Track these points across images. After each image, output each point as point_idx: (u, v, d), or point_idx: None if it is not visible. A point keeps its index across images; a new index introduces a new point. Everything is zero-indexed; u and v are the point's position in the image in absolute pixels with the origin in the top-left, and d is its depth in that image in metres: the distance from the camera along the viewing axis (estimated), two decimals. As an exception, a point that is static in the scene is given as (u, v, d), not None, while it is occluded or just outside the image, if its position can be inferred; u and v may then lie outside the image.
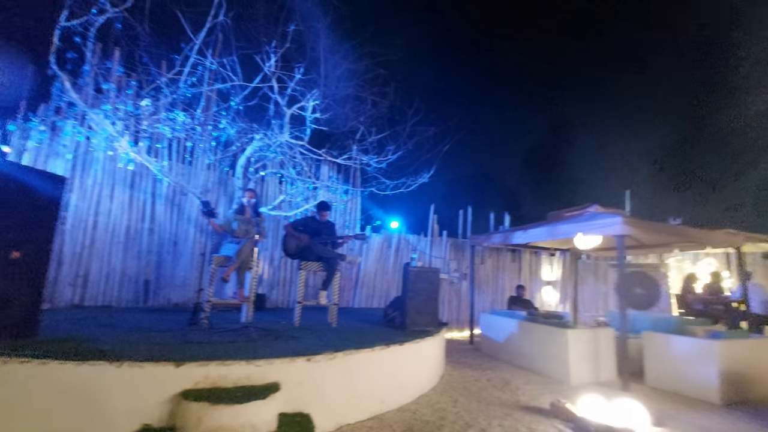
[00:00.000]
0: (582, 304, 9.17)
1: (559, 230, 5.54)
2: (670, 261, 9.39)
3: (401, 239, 8.41)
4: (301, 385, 3.11)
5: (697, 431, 3.51)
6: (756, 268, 9.63)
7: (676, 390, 4.59)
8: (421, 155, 7.31)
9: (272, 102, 6.62)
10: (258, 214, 4.59)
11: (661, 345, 4.81)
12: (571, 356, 4.89)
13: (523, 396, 4.33)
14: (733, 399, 4.29)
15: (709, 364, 4.30)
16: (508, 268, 9.12)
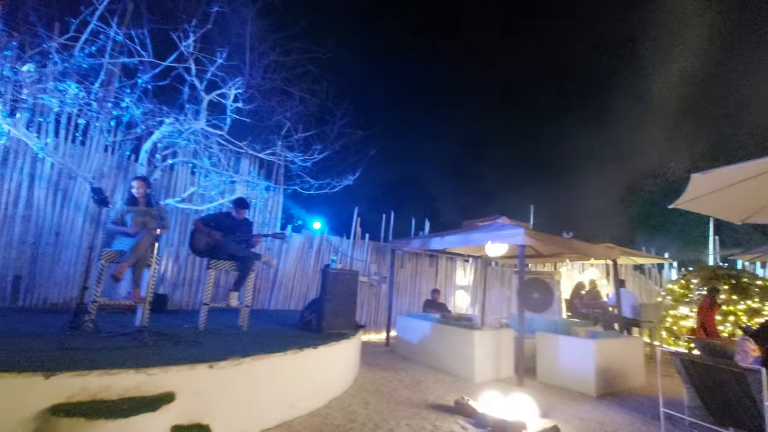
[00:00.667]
0: (489, 307, 9.90)
1: (472, 238, 5.92)
2: (563, 269, 10.61)
3: (323, 240, 8.28)
4: (201, 394, 2.87)
5: (576, 421, 3.97)
6: (628, 277, 11.33)
7: (562, 384, 5.16)
8: (348, 157, 7.29)
9: (188, 85, 6.08)
10: (156, 205, 4.14)
11: (550, 344, 5.39)
12: (476, 355, 5.23)
13: (431, 395, 4.51)
14: (605, 391, 4.96)
15: (587, 361, 4.92)
16: (425, 273, 9.50)
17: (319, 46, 6.78)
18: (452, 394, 4.50)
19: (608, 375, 5.02)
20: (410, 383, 4.95)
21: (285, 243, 7.61)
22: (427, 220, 9.66)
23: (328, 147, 7.02)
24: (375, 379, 5.05)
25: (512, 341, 5.68)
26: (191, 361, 2.90)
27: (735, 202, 4.09)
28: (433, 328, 5.99)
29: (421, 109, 31.32)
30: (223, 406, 2.97)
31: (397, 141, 24.44)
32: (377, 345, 7.55)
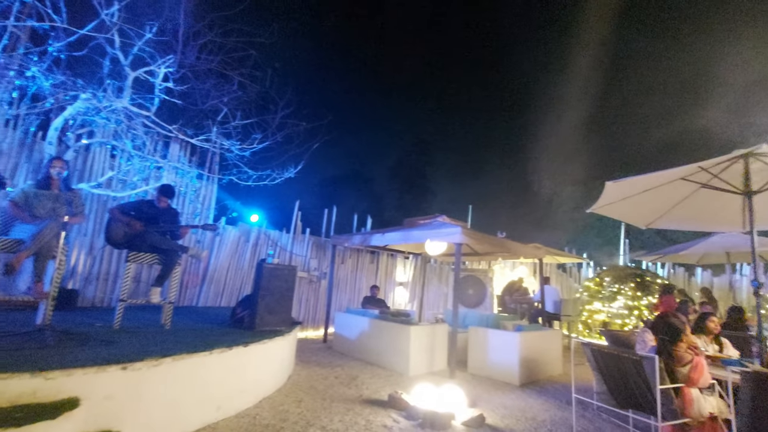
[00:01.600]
0: (427, 303, 10.19)
1: (412, 236, 6.03)
2: (496, 267, 11.23)
3: (261, 234, 7.95)
4: (112, 398, 2.60)
5: (501, 409, 4.21)
6: (552, 275, 12.28)
7: (490, 375, 5.45)
8: (290, 149, 7.05)
9: (109, 58, 5.48)
10: (70, 190, 3.68)
11: (480, 338, 5.67)
12: (412, 350, 5.35)
13: (366, 390, 4.53)
14: (528, 380, 5.32)
15: (513, 353, 5.25)
16: (366, 269, 9.52)
17: (263, 31, 6.45)
18: (387, 389, 4.55)
19: (530, 365, 5.40)
20: (346, 379, 4.93)
21: (218, 236, 7.19)
22: (369, 217, 9.69)
23: (269, 137, 6.72)
24: (311, 376, 4.96)
25: (447, 336, 5.88)
26: (100, 363, 2.61)
27: (641, 208, 4.59)
28: (371, 324, 6.01)
29: (369, 106, 31.41)
30: (138, 410, 2.73)
31: (343, 136, 24.27)
32: (315, 342, 7.43)
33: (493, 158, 26.74)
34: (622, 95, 22.69)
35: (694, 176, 3.92)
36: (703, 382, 2.97)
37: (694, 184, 4.07)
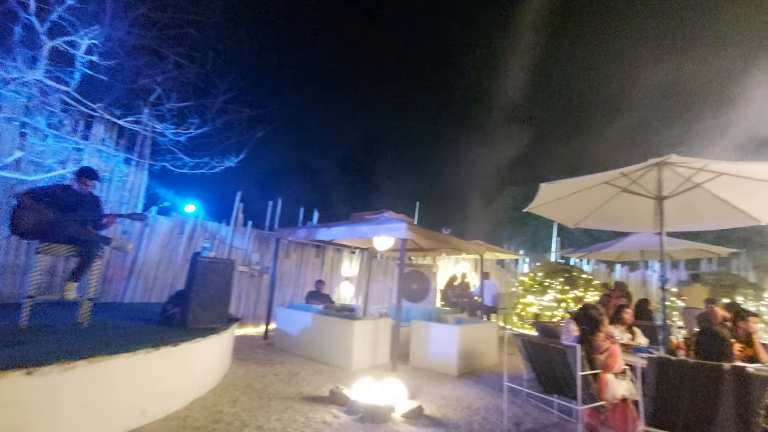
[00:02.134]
0: (372, 298, 10.25)
1: (359, 230, 6.01)
2: (440, 262, 11.58)
3: (198, 225, 7.48)
4: (17, 406, 2.31)
5: (439, 399, 4.35)
6: (492, 270, 12.92)
7: (430, 367, 5.61)
8: (231, 137, 6.65)
9: (21, 24, 4.82)
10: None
11: (422, 331, 5.81)
12: (355, 345, 5.34)
13: (307, 387, 4.45)
14: (465, 370, 5.55)
15: (452, 345, 5.44)
16: (311, 263, 9.35)
17: (204, 9, 6.01)
18: (329, 384, 4.51)
19: (468, 356, 5.63)
20: (286, 376, 4.81)
21: (147, 226, 6.65)
22: (316, 210, 9.51)
23: (209, 122, 6.30)
24: (248, 374, 4.77)
25: (390, 330, 5.95)
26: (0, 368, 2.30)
27: (570, 209, 4.96)
28: (314, 320, 5.92)
29: (318, 98, 30.81)
30: (48, 418, 2.45)
31: (290, 127, 23.59)
32: (255, 339, 7.17)
33: (442, 157, 27.58)
34: (559, 99, 24.41)
35: (616, 181, 4.30)
36: (617, 368, 3.28)
37: (615, 188, 4.47)
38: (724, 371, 2.48)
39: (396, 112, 31.92)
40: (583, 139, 23.13)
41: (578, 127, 23.87)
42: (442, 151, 27.95)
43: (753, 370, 2.47)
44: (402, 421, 3.61)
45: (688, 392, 2.61)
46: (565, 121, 24.95)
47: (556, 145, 24.44)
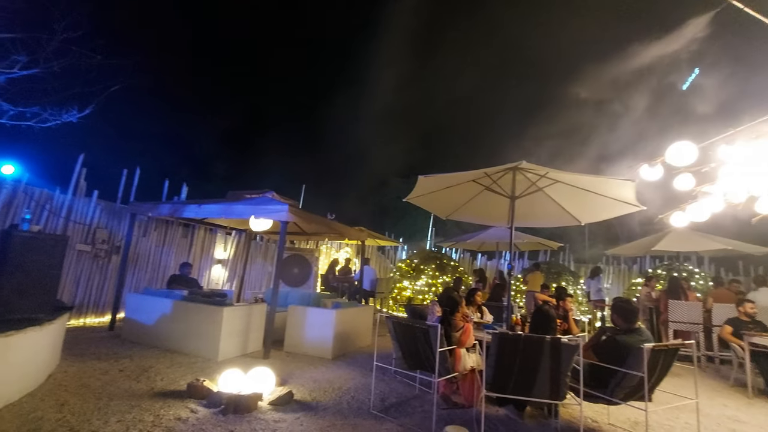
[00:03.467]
0: (249, 282, 9.69)
1: (235, 210, 5.55)
2: (323, 247, 11.56)
3: (20, 191, 5.95)
4: None
5: (311, 383, 4.35)
6: (373, 256, 13.43)
7: (305, 352, 5.57)
8: (75, 86, 5.41)
9: None
10: None
11: (299, 316, 5.72)
12: (223, 333, 4.97)
13: (161, 382, 3.98)
14: (340, 353, 5.67)
15: (328, 329, 5.49)
16: (177, 244, 8.34)
17: None
18: (189, 377, 4.10)
19: (344, 339, 5.76)
20: (135, 371, 4.22)
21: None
22: (185, 185, 8.47)
23: (41, 63, 4.99)
24: (83, 372, 4.04)
25: (264, 315, 5.70)
26: None
27: (443, 202, 5.42)
28: (176, 307, 5.30)
29: (200, 57, 27.36)
30: None
31: (162, 89, 20.47)
32: (98, 330, 6.12)
33: (333, 142, 27.41)
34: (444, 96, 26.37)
35: (481, 180, 4.84)
36: (469, 343, 3.73)
37: (480, 186, 5.03)
38: (545, 342, 3.01)
39: (288, 92, 30.37)
40: (472, 140, 25.56)
41: (465, 127, 26.26)
42: (334, 136, 27.80)
43: (565, 340, 3.05)
44: (269, 409, 3.49)
45: (519, 360, 3.09)
46: (445, 121, 27.16)
47: (439, 141, 26.48)
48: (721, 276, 9.60)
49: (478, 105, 24.04)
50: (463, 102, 24.43)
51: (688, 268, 10.59)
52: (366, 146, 25.81)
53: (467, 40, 22.22)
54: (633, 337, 3.26)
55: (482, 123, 24.67)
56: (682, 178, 3.93)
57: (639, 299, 8.52)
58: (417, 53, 24.65)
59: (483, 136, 24.54)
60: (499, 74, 21.16)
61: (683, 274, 10.16)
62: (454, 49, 22.68)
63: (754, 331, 5.24)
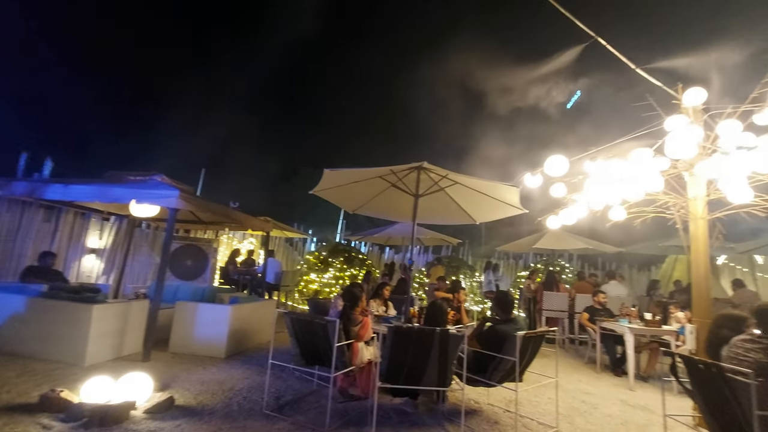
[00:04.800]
0: (131, 275, 8.61)
1: (112, 193, 4.84)
2: (223, 237, 10.78)
3: None
4: None
5: (198, 386, 4.02)
6: (280, 248, 12.96)
7: (194, 351, 5.13)
8: None
9: None
10: None
11: (188, 312, 5.24)
12: (92, 334, 4.32)
13: (7, 394, 3.32)
14: (235, 351, 5.34)
15: (222, 326, 5.13)
16: (36, 230, 7.00)
17: None
18: (45, 387, 3.47)
19: (240, 336, 5.44)
20: (-35, 385, 3.44)
21: None
22: (50, 160, 7.13)
23: None
24: None
25: (146, 313, 5.11)
26: None
27: (350, 196, 5.43)
28: (31, 304, 4.46)
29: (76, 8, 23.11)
30: None
31: (25, 34, 16.79)
32: None
33: (241, 125, 25.58)
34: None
35: (387, 177, 4.96)
36: (367, 336, 3.81)
37: (387, 183, 5.15)
38: (435, 333, 3.21)
39: (189, 60, 27.44)
40: (377, 136, 25.97)
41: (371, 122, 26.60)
42: (243, 118, 25.97)
43: (453, 331, 3.28)
44: (144, 419, 3.13)
45: (411, 351, 3.24)
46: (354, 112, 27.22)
47: (350, 134, 26.50)
48: (584, 270, 11.33)
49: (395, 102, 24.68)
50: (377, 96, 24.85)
51: (561, 263, 12.30)
52: (277, 133, 24.74)
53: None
54: (509, 326, 3.65)
55: (400, 119, 25.37)
56: (556, 186, 4.51)
57: (522, 290, 9.65)
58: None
59: (397, 131, 25.26)
60: (414, 82, 21.98)
61: (557, 268, 11.78)
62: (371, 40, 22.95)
63: (604, 318, 6.28)
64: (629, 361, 5.38)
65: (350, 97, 27.17)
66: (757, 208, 3.75)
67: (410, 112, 20.77)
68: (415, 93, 20.21)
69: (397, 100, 24.37)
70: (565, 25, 3.70)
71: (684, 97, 3.74)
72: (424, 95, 20.21)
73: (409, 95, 21.59)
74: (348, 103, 26.91)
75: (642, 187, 3.78)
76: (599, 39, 3.57)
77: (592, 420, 4.02)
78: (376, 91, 26.56)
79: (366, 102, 25.60)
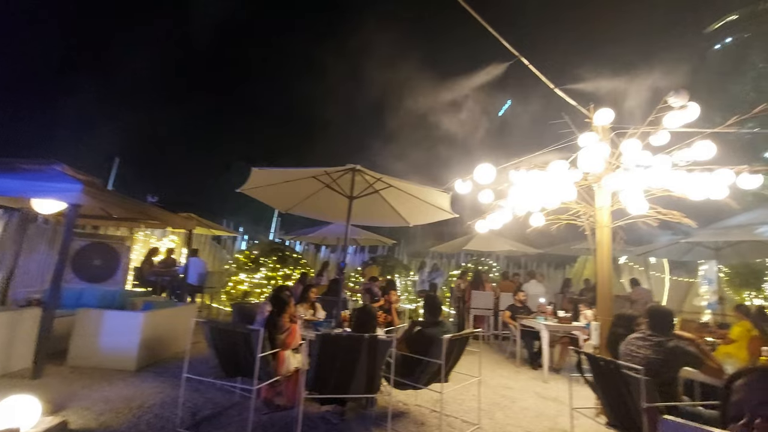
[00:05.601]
0: (26, 278, 7.48)
1: None
2: (140, 235, 9.82)
3: None
4: None
5: (101, 404, 3.58)
6: (206, 247, 12.14)
7: (98, 364, 4.57)
8: None
9: None
10: None
11: (92, 321, 4.67)
12: (-36, 351, 3.66)
13: None
14: (148, 362, 4.86)
15: (133, 335, 4.64)
16: None
17: None
18: None
19: (155, 345, 4.97)
20: None
21: None
22: None
23: None
24: None
25: (40, 322, 4.45)
26: None
27: (282, 195, 5.21)
28: None
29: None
30: None
31: None
32: None
33: (166, 112, 23.51)
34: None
35: (321, 177, 4.83)
36: (294, 344, 3.66)
37: (321, 183, 5.02)
38: (364, 339, 3.17)
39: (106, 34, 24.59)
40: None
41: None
42: (170, 106, 23.86)
43: (382, 337, 3.28)
44: (25, 448, 2.71)
45: (339, 359, 3.18)
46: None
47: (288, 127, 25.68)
48: (508, 270, 12.09)
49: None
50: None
51: (489, 263, 13.03)
52: (211, 125, 23.19)
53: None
54: (437, 329, 3.74)
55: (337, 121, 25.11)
56: (484, 192, 4.73)
57: (453, 289, 10.06)
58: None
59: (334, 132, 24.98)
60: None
61: (485, 267, 12.45)
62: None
63: (523, 315, 6.74)
64: (544, 356, 5.83)
65: (290, 91, 26.37)
66: (651, 218, 4.25)
67: (350, 110, 20.70)
68: (353, 92, 20.16)
69: (340, 98, 24.15)
70: (493, 45, 3.88)
71: (595, 117, 4.11)
72: (363, 96, 20.22)
73: (349, 94, 21.49)
74: (288, 97, 26.12)
75: (558, 196, 4.09)
76: (522, 58, 3.79)
77: (510, 414, 4.27)
78: (318, 87, 26.10)
79: (310, 98, 25.02)
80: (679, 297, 12.13)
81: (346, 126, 21.75)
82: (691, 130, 3.84)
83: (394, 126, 11.66)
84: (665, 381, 2.88)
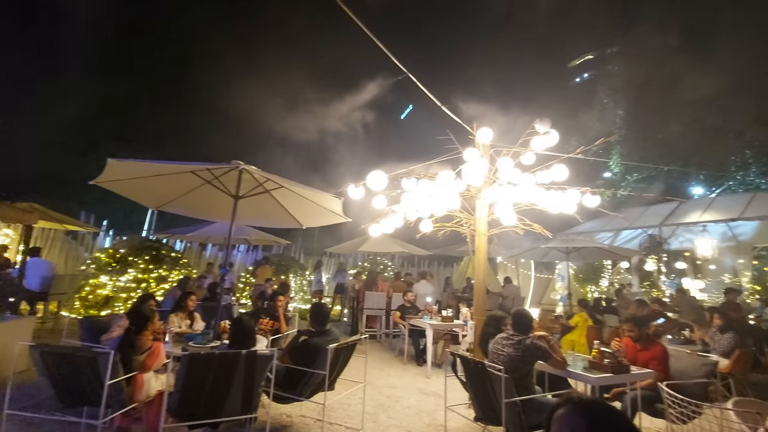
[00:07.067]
0: None
1: None
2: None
3: None
4: None
5: None
6: (57, 243, 10.10)
7: None
8: None
9: None
10: None
11: None
12: None
13: None
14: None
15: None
16: None
17: None
18: None
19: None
20: None
21: None
22: None
23: None
24: None
25: None
26: None
27: (151, 191, 4.54)
28: None
29: None
30: None
31: None
32: None
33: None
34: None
35: (202, 173, 4.33)
36: (157, 365, 3.19)
37: (201, 180, 4.50)
38: (241, 356, 2.92)
39: None
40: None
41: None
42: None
43: (262, 352, 3.05)
44: None
45: (211, 379, 2.86)
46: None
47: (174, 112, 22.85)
48: (401, 270, 12.64)
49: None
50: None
51: (385, 262, 13.45)
52: (70, 93, 19.43)
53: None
54: (323, 338, 3.65)
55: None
56: (377, 198, 4.79)
57: (348, 290, 10.09)
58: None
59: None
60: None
61: (381, 267, 12.81)
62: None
63: (412, 315, 7.07)
64: (428, 352, 6.19)
65: (184, 68, 23.57)
66: (519, 228, 4.79)
67: (241, 93, 19.25)
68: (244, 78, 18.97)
69: (232, 80, 22.36)
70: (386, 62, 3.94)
71: (477, 134, 4.46)
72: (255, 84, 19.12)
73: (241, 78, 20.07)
74: (183, 76, 23.29)
75: (445, 204, 4.34)
76: (411, 76, 3.92)
77: (393, 414, 4.40)
78: (211, 74, 23.68)
79: (202, 82, 22.55)
80: (541, 292, 14.13)
81: (244, 123, 20.26)
82: (552, 154, 4.43)
83: (286, 127, 11.30)
84: (522, 375, 3.25)
